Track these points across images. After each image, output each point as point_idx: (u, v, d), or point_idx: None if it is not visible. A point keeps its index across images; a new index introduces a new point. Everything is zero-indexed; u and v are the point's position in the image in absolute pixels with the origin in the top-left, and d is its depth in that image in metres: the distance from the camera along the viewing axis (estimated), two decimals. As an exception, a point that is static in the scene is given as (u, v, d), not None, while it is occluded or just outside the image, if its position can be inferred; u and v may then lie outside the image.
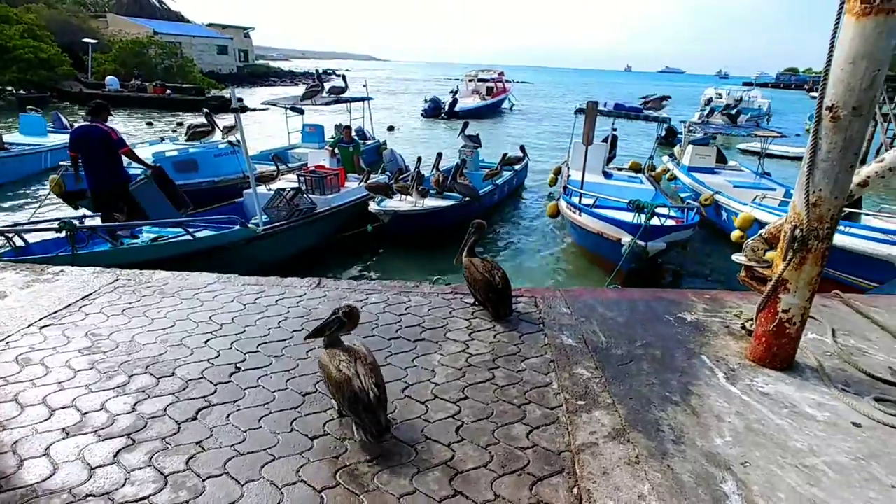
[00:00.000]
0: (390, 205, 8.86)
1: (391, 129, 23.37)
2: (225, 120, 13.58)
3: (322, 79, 14.74)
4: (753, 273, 3.40)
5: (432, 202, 9.06)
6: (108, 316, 3.22)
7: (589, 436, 2.24)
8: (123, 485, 1.91)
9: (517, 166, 13.14)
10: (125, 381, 2.56)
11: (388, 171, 11.28)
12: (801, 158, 2.77)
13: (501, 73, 41.30)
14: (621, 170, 13.17)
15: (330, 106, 12.34)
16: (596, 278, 8.12)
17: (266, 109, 17.09)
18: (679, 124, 17.20)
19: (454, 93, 33.26)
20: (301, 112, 13.36)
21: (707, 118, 22.69)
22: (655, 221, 7.23)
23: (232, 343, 2.96)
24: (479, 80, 37.44)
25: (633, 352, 2.96)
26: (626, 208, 7.79)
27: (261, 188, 8.34)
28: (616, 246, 7.36)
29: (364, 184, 9.27)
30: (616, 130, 14.09)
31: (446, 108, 30.47)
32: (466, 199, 9.36)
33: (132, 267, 4.25)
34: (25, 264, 4.07)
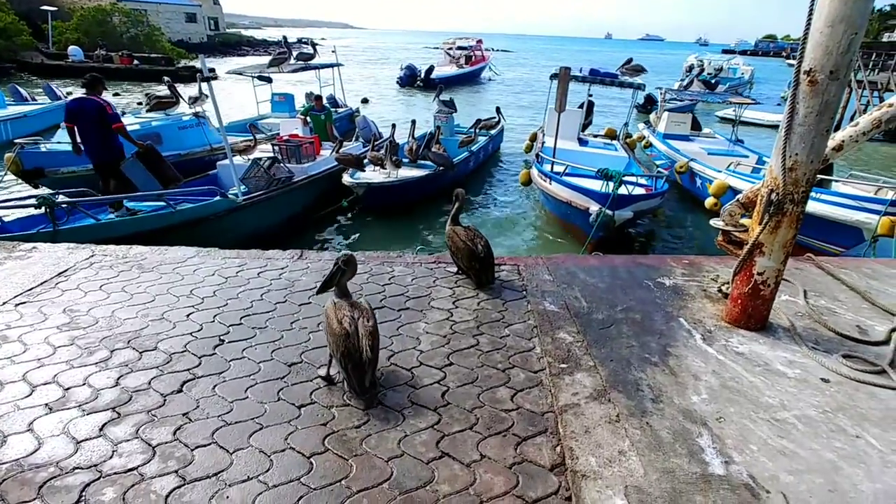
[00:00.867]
0: (363, 177, 8.75)
1: (365, 101, 22.87)
2: (190, 89, 13.09)
3: (290, 46, 14.25)
4: (730, 237, 3.48)
5: (406, 172, 8.96)
6: (86, 292, 3.16)
7: (571, 397, 2.30)
8: (111, 457, 1.91)
9: (492, 131, 12.99)
10: (107, 356, 2.53)
11: (362, 139, 11.08)
12: (775, 126, 2.80)
13: (480, 41, 40.54)
14: (597, 136, 13.09)
15: (298, 73, 11.93)
16: (571, 246, 8.21)
17: (234, 78, 16.52)
18: (656, 92, 17.16)
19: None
20: (269, 81, 12.98)
21: (686, 87, 22.77)
22: (623, 190, 7.25)
23: (215, 316, 2.94)
24: (457, 48, 36.69)
25: (613, 316, 3.02)
26: (595, 176, 7.80)
27: (237, 158, 8.16)
28: (585, 215, 7.42)
29: (335, 154, 9.01)
30: (592, 96, 13.94)
31: (422, 75, 29.87)
32: (440, 168, 9.27)
33: (115, 241, 4.17)
34: None
